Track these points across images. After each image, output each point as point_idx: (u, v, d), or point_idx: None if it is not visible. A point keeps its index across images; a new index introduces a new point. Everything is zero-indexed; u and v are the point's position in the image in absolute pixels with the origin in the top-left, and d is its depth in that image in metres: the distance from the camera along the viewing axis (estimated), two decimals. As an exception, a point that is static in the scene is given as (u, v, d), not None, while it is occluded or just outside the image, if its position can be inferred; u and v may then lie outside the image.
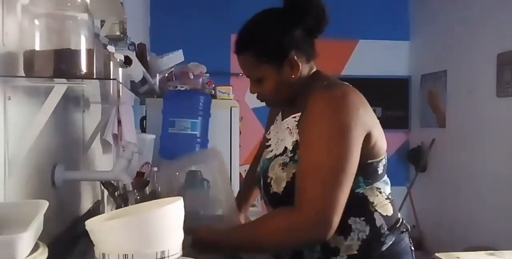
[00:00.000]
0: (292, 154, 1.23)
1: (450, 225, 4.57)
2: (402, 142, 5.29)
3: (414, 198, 5.07)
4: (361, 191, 1.23)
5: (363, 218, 1.22)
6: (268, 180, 1.27)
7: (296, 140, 1.23)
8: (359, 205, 1.22)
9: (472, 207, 4.27)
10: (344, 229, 1.19)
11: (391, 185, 1.33)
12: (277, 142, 1.33)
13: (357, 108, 1.16)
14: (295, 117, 1.27)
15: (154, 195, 2.35)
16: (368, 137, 1.17)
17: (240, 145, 3.27)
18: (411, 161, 5.15)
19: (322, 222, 1.09)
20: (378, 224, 1.23)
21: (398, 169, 5.04)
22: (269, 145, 1.37)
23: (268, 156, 1.34)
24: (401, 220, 1.31)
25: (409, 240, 1.34)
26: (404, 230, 1.30)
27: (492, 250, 2.06)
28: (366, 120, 1.17)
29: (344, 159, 1.11)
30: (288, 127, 1.28)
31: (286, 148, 1.27)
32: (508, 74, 3.88)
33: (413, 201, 5.07)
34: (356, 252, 1.22)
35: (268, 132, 1.45)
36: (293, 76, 1.26)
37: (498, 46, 3.99)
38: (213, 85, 3.32)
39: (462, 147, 4.43)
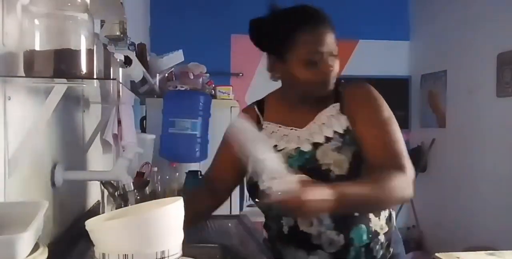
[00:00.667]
0: (342, 139, 1.32)
1: (450, 225, 4.57)
2: (402, 142, 5.29)
3: (414, 198, 5.04)
4: None
5: None
6: (324, 167, 1.29)
7: (347, 126, 1.34)
8: None
9: (472, 207, 4.27)
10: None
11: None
12: (299, 139, 1.36)
13: None
14: (334, 106, 1.37)
15: (154, 195, 2.36)
16: None
17: (240, 145, 3.26)
18: (411, 161, 5.15)
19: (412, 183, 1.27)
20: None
21: (398, 169, 5.03)
22: (283, 148, 1.36)
23: (304, 149, 1.33)
24: None
25: None
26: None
27: (492, 250, 2.06)
28: None
29: (399, 134, 1.34)
30: (332, 115, 1.36)
31: (334, 133, 1.33)
32: (508, 74, 3.88)
33: (413, 201, 5.07)
34: (387, 230, 1.37)
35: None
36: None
37: (498, 46, 3.98)
38: (213, 85, 3.32)
39: (462, 147, 4.43)
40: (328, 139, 1.33)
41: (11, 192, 1.05)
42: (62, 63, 0.97)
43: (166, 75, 3.22)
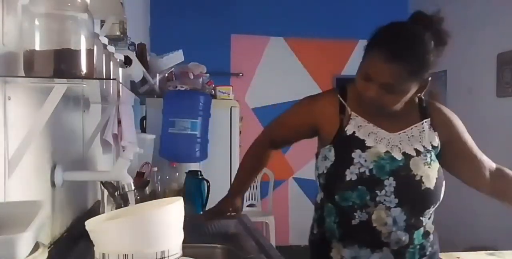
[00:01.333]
0: (430, 155, 1.43)
1: (450, 225, 4.57)
2: (402, 142, 5.29)
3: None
4: None
5: None
6: (417, 178, 1.38)
7: (438, 143, 1.46)
8: None
9: (472, 207, 4.26)
10: None
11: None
12: (389, 143, 1.42)
13: None
14: (426, 122, 1.48)
15: (154, 195, 2.36)
16: None
17: (240, 145, 3.27)
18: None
19: None
20: None
21: (398, 169, 5.03)
22: (371, 146, 1.41)
23: (396, 157, 1.40)
24: None
25: None
26: None
27: (492, 250, 2.06)
28: None
29: None
30: (424, 130, 1.46)
31: (424, 148, 1.43)
32: (508, 74, 3.88)
33: (413, 201, 5.07)
34: (432, 230, 1.51)
35: (351, 132, 1.44)
36: (419, 94, 1.46)
37: (498, 46, 3.98)
38: (213, 85, 3.32)
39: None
40: (418, 152, 1.42)
41: (11, 192, 1.05)
42: (62, 63, 0.97)
43: (166, 75, 3.22)
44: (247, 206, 4.53)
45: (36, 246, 0.74)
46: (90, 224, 0.82)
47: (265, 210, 4.72)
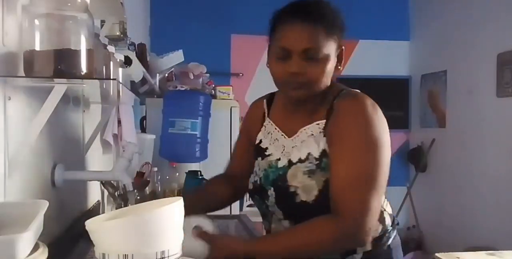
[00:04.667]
0: (318, 162, 1.21)
1: (450, 225, 4.57)
2: (402, 142, 5.29)
3: (414, 198, 5.07)
4: None
5: (377, 218, 1.21)
6: (292, 190, 1.21)
7: (323, 149, 1.21)
8: None
9: (472, 207, 4.26)
10: None
11: (391, 185, 1.35)
12: (284, 149, 1.28)
13: (384, 118, 1.22)
14: (318, 124, 1.24)
15: (154, 195, 2.36)
16: None
17: (240, 145, 3.26)
18: (411, 161, 5.15)
19: (364, 229, 1.12)
20: (386, 222, 1.30)
21: (398, 169, 5.03)
22: (269, 154, 1.31)
23: (279, 165, 1.26)
24: (393, 215, 1.38)
25: None
26: (397, 223, 1.37)
27: (492, 250, 2.06)
28: (387, 127, 1.23)
29: (380, 169, 1.16)
30: (312, 134, 1.24)
31: (309, 155, 1.23)
32: (508, 74, 3.88)
33: (413, 201, 5.07)
34: (370, 249, 1.25)
35: (258, 141, 1.37)
36: (339, 68, 1.25)
37: (498, 46, 3.98)
38: (213, 85, 3.32)
39: (462, 147, 4.43)
40: (301, 160, 1.23)
41: (11, 192, 1.05)
42: (62, 63, 0.97)
43: (166, 75, 3.22)
44: (247, 206, 4.52)
45: (36, 246, 0.74)
46: (90, 224, 0.82)
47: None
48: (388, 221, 1.31)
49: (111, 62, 1.46)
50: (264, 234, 1.44)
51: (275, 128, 1.34)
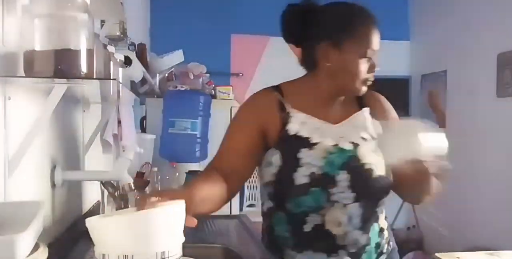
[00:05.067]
0: (374, 142, 1.35)
1: (450, 225, 4.57)
2: (402, 142, 5.29)
3: (414, 198, 5.06)
4: None
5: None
6: (367, 166, 1.30)
7: (378, 132, 1.36)
8: None
9: (472, 207, 4.26)
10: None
11: (391, 185, 1.38)
12: (336, 135, 1.33)
13: None
14: (364, 111, 1.40)
15: (154, 195, 2.36)
16: None
17: (240, 145, 3.26)
18: (411, 161, 5.14)
19: None
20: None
21: (398, 169, 5.02)
22: (318, 142, 1.29)
23: (345, 148, 1.31)
24: None
25: None
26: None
27: (492, 250, 2.06)
28: None
29: None
30: (365, 119, 1.39)
31: (369, 136, 1.35)
32: (508, 74, 3.88)
33: (413, 201, 5.07)
34: (386, 226, 1.41)
35: (293, 132, 1.30)
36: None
37: (498, 46, 3.98)
38: (213, 85, 3.32)
39: (462, 147, 4.42)
40: (365, 141, 1.34)
41: (11, 192, 1.05)
42: (62, 63, 0.97)
43: (166, 75, 3.22)
44: (247, 206, 4.52)
45: (36, 246, 0.74)
46: (90, 222, 0.82)
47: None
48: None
49: (111, 62, 1.46)
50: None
51: (311, 117, 1.34)
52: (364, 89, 1.35)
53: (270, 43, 5.19)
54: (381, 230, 1.38)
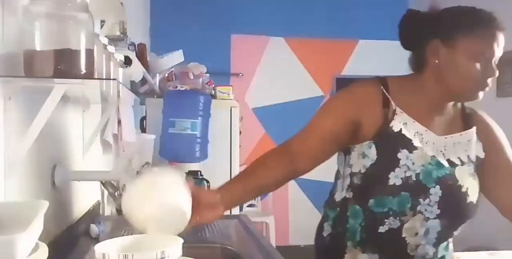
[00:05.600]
0: (474, 166, 1.31)
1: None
2: (402, 142, 5.29)
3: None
4: None
5: None
6: (464, 190, 1.26)
7: (477, 154, 1.32)
8: None
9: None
10: None
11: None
12: (435, 147, 1.28)
13: None
14: (467, 132, 1.34)
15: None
16: None
17: (240, 145, 3.27)
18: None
19: None
20: None
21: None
22: (417, 148, 1.26)
23: (442, 163, 1.26)
24: None
25: None
26: None
27: (492, 250, 2.06)
28: None
29: None
30: (469, 140, 1.33)
31: (468, 158, 1.30)
32: (508, 74, 3.88)
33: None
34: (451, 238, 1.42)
35: (398, 129, 1.26)
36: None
37: (498, 46, 3.98)
38: (213, 85, 3.32)
39: (462, 147, 4.43)
40: (462, 162, 1.29)
41: (11, 192, 1.05)
42: (62, 63, 0.97)
43: (166, 75, 3.22)
44: (247, 206, 4.53)
45: (36, 246, 0.74)
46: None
47: (265, 210, 4.72)
48: None
49: (111, 62, 1.46)
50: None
51: (413, 121, 1.28)
52: (479, 95, 1.27)
53: (270, 43, 5.19)
54: (448, 243, 1.39)
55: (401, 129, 1.26)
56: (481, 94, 1.27)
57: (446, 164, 1.27)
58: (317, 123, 1.33)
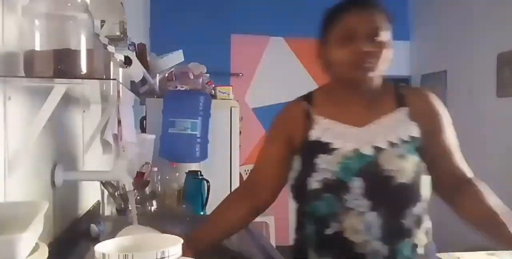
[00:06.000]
0: (408, 145, 1.28)
1: (450, 225, 4.56)
2: (402, 142, 5.29)
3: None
4: None
5: None
6: (387, 173, 1.23)
7: (411, 133, 1.29)
8: None
9: (472, 207, 4.27)
10: (420, 222, 1.32)
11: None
12: (359, 139, 1.28)
13: None
14: (401, 110, 1.32)
15: (154, 195, 2.36)
16: None
17: (240, 145, 3.27)
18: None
19: None
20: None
21: (398, 169, 5.03)
22: (338, 148, 1.27)
23: (365, 153, 1.25)
24: None
25: None
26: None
27: (492, 250, 2.05)
28: None
29: None
30: (399, 120, 1.31)
31: (399, 139, 1.28)
32: (508, 74, 3.88)
33: (413, 201, 5.08)
34: (426, 242, 1.34)
35: (314, 138, 1.31)
36: (391, 58, 1.31)
37: (498, 46, 3.98)
38: (213, 85, 3.32)
39: (462, 147, 4.43)
40: (392, 144, 1.26)
41: (11, 192, 1.05)
42: (62, 63, 0.97)
43: (166, 75, 3.22)
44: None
45: (36, 246, 0.74)
46: None
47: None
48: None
49: (111, 62, 1.46)
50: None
51: (335, 123, 1.32)
52: (366, 75, 1.26)
53: (270, 43, 5.19)
54: (414, 245, 1.28)
55: (319, 136, 1.31)
56: (365, 72, 1.26)
57: (370, 152, 1.26)
58: (265, 153, 1.42)
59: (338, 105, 1.34)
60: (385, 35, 1.26)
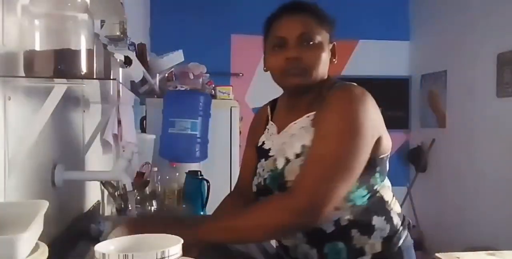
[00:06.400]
0: (303, 156, 1.20)
1: (450, 225, 4.57)
2: (402, 142, 5.29)
3: (414, 198, 5.07)
4: (379, 190, 1.26)
5: (384, 217, 1.25)
6: (289, 185, 1.18)
7: (305, 144, 1.21)
8: (379, 204, 1.26)
9: (472, 207, 4.27)
10: (368, 228, 1.23)
11: (391, 185, 1.35)
12: (278, 147, 1.29)
13: (374, 108, 1.20)
14: (309, 116, 1.25)
15: (154, 195, 2.36)
16: (379, 137, 1.21)
17: (240, 145, 3.27)
18: (411, 161, 5.15)
19: (312, 209, 1.09)
20: (395, 222, 1.28)
21: (398, 169, 5.04)
22: (273, 155, 1.29)
23: (278, 164, 1.24)
24: (403, 215, 1.35)
25: None
26: (408, 224, 1.34)
27: (492, 250, 2.06)
28: (380, 121, 1.22)
29: (352, 155, 1.12)
30: (302, 127, 1.24)
31: (303, 148, 1.21)
32: (508, 74, 3.88)
33: (413, 201, 5.07)
34: (380, 250, 1.24)
35: (261, 143, 1.37)
36: (333, 60, 1.30)
37: (498, 46, 3.98)
38: (213, 85, 3.32)
39: (462, 147, 4.43)
40: (297, 155, 1.21)
41: (11, 192, 1.05)
42: (62, 63, 0.97)
43: (166, 75, 3.22)
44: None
45: (36, 246, 0.74)
46: None
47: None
48: (396, 220, 1.28)
49: (111, 62, 1.46)
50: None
51: (276, 128, 1.36)
52: (292, 80, 1.22)
53: (270, 43, 5.19)
54: (357, 251, 1.22)
55: (263, 142, 1.36)
56: (294, 78, 1.22)
57: (281, 163, 1.23)
58: (244, 158, 1.49)
59: (285, 109, 1.36)
60: (317, 39, 1.22)
